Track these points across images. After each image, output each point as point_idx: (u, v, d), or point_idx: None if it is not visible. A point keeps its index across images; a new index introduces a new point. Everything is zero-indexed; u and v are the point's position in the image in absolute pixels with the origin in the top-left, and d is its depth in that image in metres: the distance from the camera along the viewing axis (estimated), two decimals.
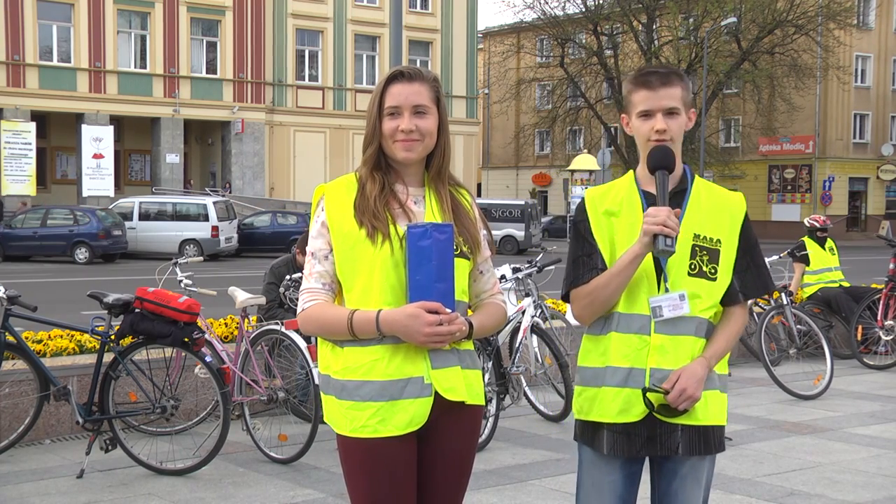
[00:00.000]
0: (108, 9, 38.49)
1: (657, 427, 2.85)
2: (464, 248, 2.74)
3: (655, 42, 43.25)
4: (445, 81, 46.63)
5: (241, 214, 34.46)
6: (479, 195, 53.37)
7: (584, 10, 43.89)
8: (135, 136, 41.63)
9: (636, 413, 2.84)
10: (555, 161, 53.38)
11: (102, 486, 5.66)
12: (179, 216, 30.83)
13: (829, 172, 49.56)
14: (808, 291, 11.03)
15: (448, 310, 2.60)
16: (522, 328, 7.37)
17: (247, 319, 6.82)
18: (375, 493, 2.68)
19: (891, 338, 10.40)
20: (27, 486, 5.64)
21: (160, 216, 31.07)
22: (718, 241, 2.90)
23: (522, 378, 7.38)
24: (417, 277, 2.62)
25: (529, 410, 7.67)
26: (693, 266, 2.86)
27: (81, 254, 27.82)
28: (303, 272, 2.84)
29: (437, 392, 2.68)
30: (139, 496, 5.50)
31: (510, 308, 7.43)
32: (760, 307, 10.17)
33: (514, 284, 7.70)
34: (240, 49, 41.45)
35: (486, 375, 6.72)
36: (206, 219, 30.34)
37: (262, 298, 7.16)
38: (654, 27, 43.48)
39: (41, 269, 25.48)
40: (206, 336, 6.46)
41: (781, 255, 10.46)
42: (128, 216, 30.43)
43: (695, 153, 38.43)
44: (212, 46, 41.43)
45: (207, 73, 41.21)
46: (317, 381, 6.00)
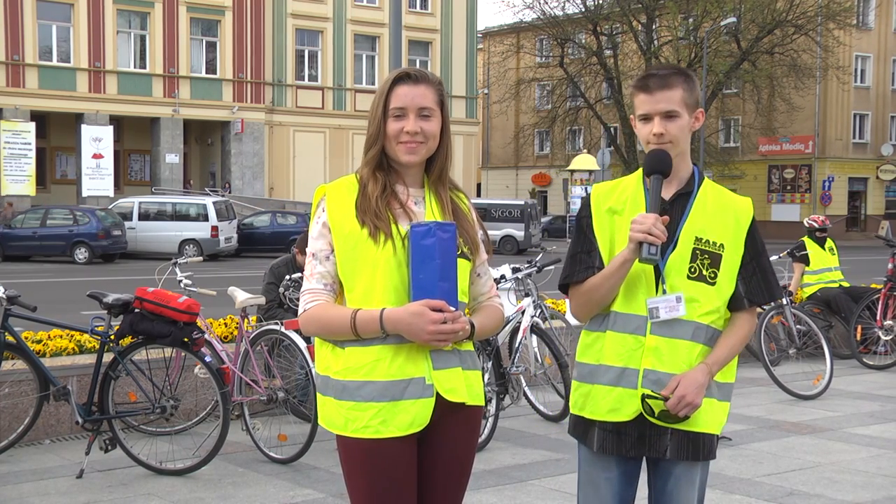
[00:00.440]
0: (108, 9, 38.50)
1: (647, 428, 2.85)
2: (464, 249, 2.74)
3: (655, 42, 43.23)
4: (445, 81, 46.29)
5: (241, 214, 34.47)
6: (479, 195, 53.40)
7: (584, 10, 43.89)
8: (134, 136, 41.63)
9: (627, 413, 2.84)
10: (554, 161, 53.33)
11: (102, 487, 5.66)
12: (179, 216, 30.83)
13: (829, 172, 49.57)
14: (808, 291, 11.03)
15: (452, 308, 2.60)
16: (522, 328, 7.37)
17: (246, 319, 6.82)
18: (376, 494, 2.67)
19: (890, 338, 10.40)
20: (27, 486, 5.64)
21: (160, 216, 31.07)
22: (721, 246, 2.87)
23: (522, 378, 7.37)
24: (420, 276, 2.60)
25: (529, 410, 7.67)
26: (693, 269, 2.84)
27: (81, 254, 27.82)
28: (302, 272, 2.83)
29: (439, 393, 2.67)
30: (139, 496, 5.49)
31: (510, 308, 7.43)
32: (760, 307, 10.16)
33: (514, 284, 7.70)
34: (239, 49, 41.46)
35: (486, 375, 6.71)
36: (206, 219, 30.34)
37: (262, 298, 7.15)
38: (654, 27, 43.46)
39: (41, 269, 25.47)
40: (206, 336, 6.46)
41: (781, 256, 10.45)
42: (127, 216, 30.44)
43: (695, 153, 38.34)
44: (211, 46, 41.44)
45: (207, 73, 41.22)
46: (315, 381, 6.03)
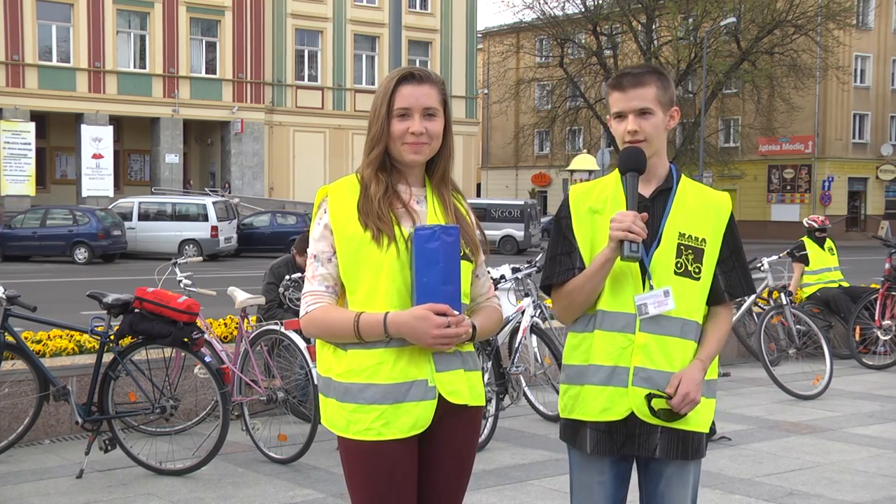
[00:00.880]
0: (108, 9, 38.48)
1: (637, 427, 2.84)
2: (466, 251, 2.73)
3: (655, 42, 43.22)
4: (445, 81, 46.50)
5: (241, 214, 34.46)
6: (479, 195, 53.36)
7: (584, 11, 43.87)
8: (134, 136, 41.62)
9: (619, 412, 2.83)
10: (554, 161, 53.31)
11: (102, 487, 5.66)
12: (179, 216, 30.81)
13: (829, 172, 49.56)
14: (808, 291, 11.03)
15: (455, 312, 2.60)
16: (522, 328, 7.37)
17: (246, 319, 6.82)
18: (376, 495, 2.68)
19: (888, 338, 10.40)
20: (26, 487, 5.64)
21: (160, 216, 31.05)
22: (703, 241, 2.89)
23: (522, 378, 7.37)
24: (424, 279, 2.60)
25: (529, 410, 7.67)
26: (679, 265, 2.85)
27: (81, 254, 27.81)
28: (302, 273, 2.84)
29: (441, 395, 2.67)
30: (139, 496, 5.50)
31: (509, 308, 7.43)
32: (760, 307, 10.17)
33: (514, 284, 7.69)
34: (239, 49, 41.45)
35: (486, 375, 6.71)
36: (206, 219, 30.33)
37: (262, 298, 7.15)
38: (654, 27, 43.45)
39: (41, 270, 25.47)
40: (206, 336, 6.46)
41: (781, 255, 10.45)
42: (127, 216, 30.41)
43: (694, 153, 38.22)
44: (211, 46, 41.42)
45: (207, 73, 41.20)
46: (316, 382, 6.03)
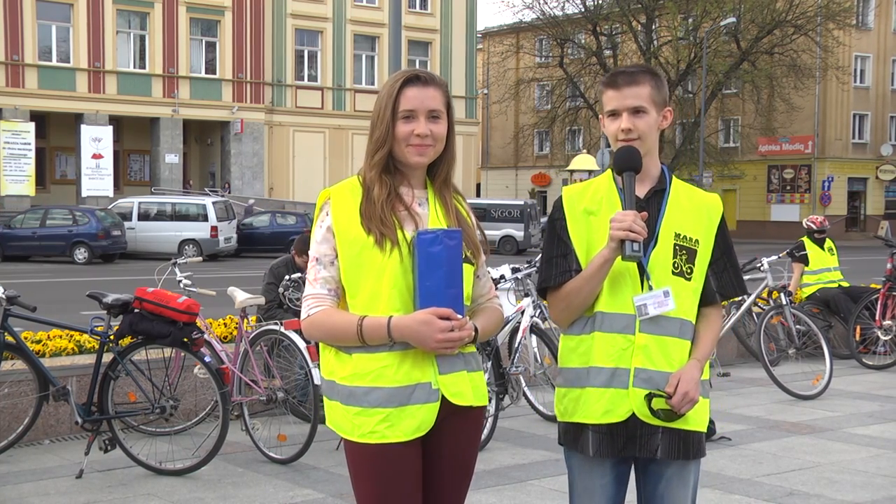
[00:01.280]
0: (108, 9, 38.49)
1: (638, 428, 2.84)
2: (468, 254, 2.74)
3: (654, 42, 43.23)
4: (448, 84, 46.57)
5: (241, 214, 34.45)
6: (479, 195, 53.34)
7: (584, 11, 43.89)
8: (134, 137, 41.62)
9: (620, 413, 2.83)
10: (554, 161, 53.30)
11: (101, 487, 5.66)
12: (179, 216, 30.81)
13: (829, 172, 49.56)
14: (808, 291, 11.04)
15: (459, 316, 2.60)
16: (522, 328, 7.37)
17: (246, 320, 6.81)
18: (382, 497, 2.68)
19: (889, 338, 10.40)
20: (26, 487, 5.64)
21: (159, 216, 31.05)
22: (697, 242, 2.89)
23: (522, 378, 7.37)
24: (427, 284, 2.60)
25: (529, 410, 7.67)
26: (675, 265, 2.86)
27: (81, 254, 27.81)
28: (302, 273, 2.84)
29: (444, 397, 2.68)
30: (138, 496, 5.50)
31: (509, 308, 7.43)
32: (760, 307, 10.17)
33: (514, 284, 7.70)
34: (239, 49, 41.45)
35: (486, 375, 6.71)
36: (206, 219, 30.33)
37: (262, 299, 7.15)
38: (654, 27, 43.46)
39: (40, 270, 25.46)
40: (206, 336, 6.46)
41: (781, 255, 10.45)
42: (127, 216, 30.41)
43: (694, 153, 38.25)
44: (211, 46, 41.43)
45: (206, 74, 41.21)
46: (316, 382, 6.04)
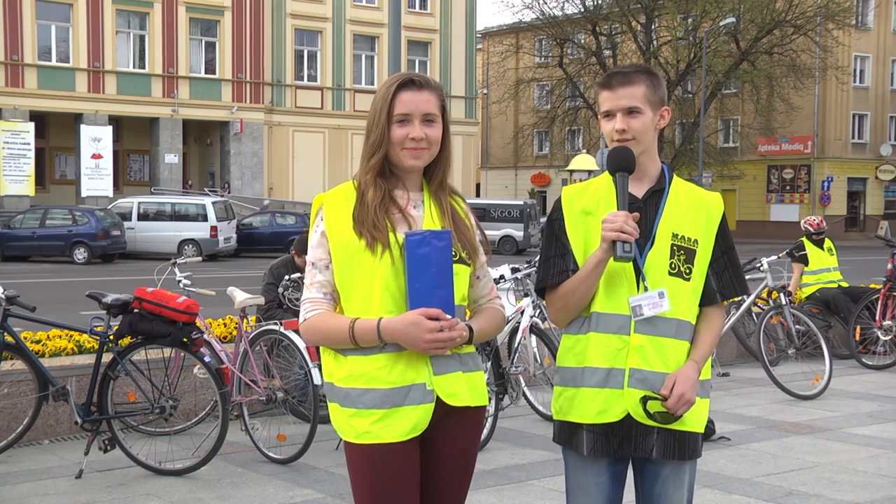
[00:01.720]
0: (107, 9, 38.47)
1: (633, 428, 2.84)
2: (462, 255, 2.75)
3: (654, 42, 43.24)
4: (444, 82, 46.59)
5: (240, 215, 34.45)
6: (478, 195, 53.37)
7: (583, 11, 43.89)
8: (134, 137, 41.62)
9: (615, 414, 2.83)
10: (553, 161, 53.29)
11: (101, 487, 5.66)
12: (178, 216, 30.81)
13: (828, 172, 49.56)
14: (807, 291, 11.04)
15: (448, 316, 2.61)
16: (521, 328, 7.37)
17: (245, 320, 6.81)
18: (379, 497, 2.70)
19: (889, 338, 10.41)
20: (26, 487, 5.64)
21: (159, 216, 31.05)
22: (695, 242, 2.89)
23: (521, 378, 7.37)
24: (417, 285, 2.62)
25: (528, 411, 7.67)
26: (672, 265, 2.85)
27: (80, 254, 27.80)
28: (301, 273, 2.85)
29: (439, 397, 2.69)
30: (138, 496, 5.49)
31: (509, 308, 7.43)
32: (759, 307, 10.18)
33: (513, 284, 7.70)
34: (238, 49, 41.44)
35: (486, 375, 6.71)
36: (205, 219, 30.33)
37: (261, 299, 7.15)
38: (653, 27, 43.46)
39: (40, 270, 25.46)
40: (205, 336, 6.46)
41: (780, 256, 10.46)
42: (126, 216, 30.41)
43: (694, 153, 38.28)
44: (210, 46, 41.41)
45: (206, 74, 41.20)
46: (315, 382, 6.04)
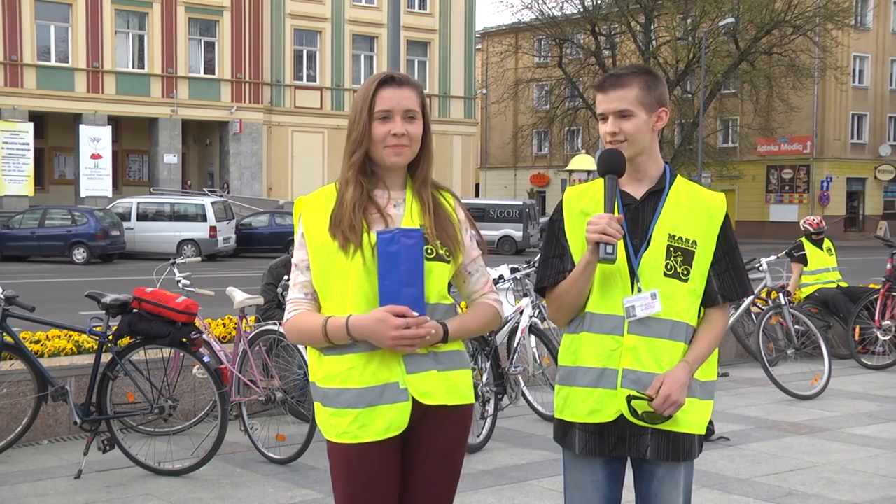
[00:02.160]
0: (106, 9, 38.46)
1: (627, 429, 2.84)
2: (441, 251, 2.74)
3: (653, 42, 43.23)
4: (443, 82, 46.64)
5: (240, 215, 34.44)
6: (478, 195, 53.33)
7: (582, 11, 43.88)
8: (133, 137, 41.61)
9: (608, 414, 2.83)
10: (553, 161, 53.30)
11: (100, 487, 5.66)
12: (177, 216, 30.80)
13: (827, 173, 49.56)
14: (806, 292, 11.04)
15: (415, 313, 2.62)
16: (520, 328, 7.37)
17: (245, 320, 6.81)
18: (355, 496, 2.73)
19: (888, 338, 10.41)
20: (25, 487, 5.64)
21: (158, 216, 31.04)
22: (694, 243, 2.88)
23: (520, 378, 7.38)
24: (387, 282, 2.64)
25: (527, 411, 7.67)
26: (669, 266, 2.85)
27: (79, 254, 27.79)
28: None
29: (414, 396, 2.70)
30: (137, 496, 5.49)
31: (508, 308, 7.42)
32: (758, 307, 10.18)
33: (512, 284, 7.70)
34: (238, 49, 41.44)
35: (485, 375, 6.72)
36: (204, 219, 30.32)
37: (260, 299, 7.15)
38: (652, 27, 43.45)
39: (39, 270, 25.46)
40: (204, 336, 6.45)
41: (779, 256, 10.47)
42: (126, 216, 30.40)
43: (693, 153, 38.26)
44: (210, 47, 41.41)
45: (205, 74, 41.19)
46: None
